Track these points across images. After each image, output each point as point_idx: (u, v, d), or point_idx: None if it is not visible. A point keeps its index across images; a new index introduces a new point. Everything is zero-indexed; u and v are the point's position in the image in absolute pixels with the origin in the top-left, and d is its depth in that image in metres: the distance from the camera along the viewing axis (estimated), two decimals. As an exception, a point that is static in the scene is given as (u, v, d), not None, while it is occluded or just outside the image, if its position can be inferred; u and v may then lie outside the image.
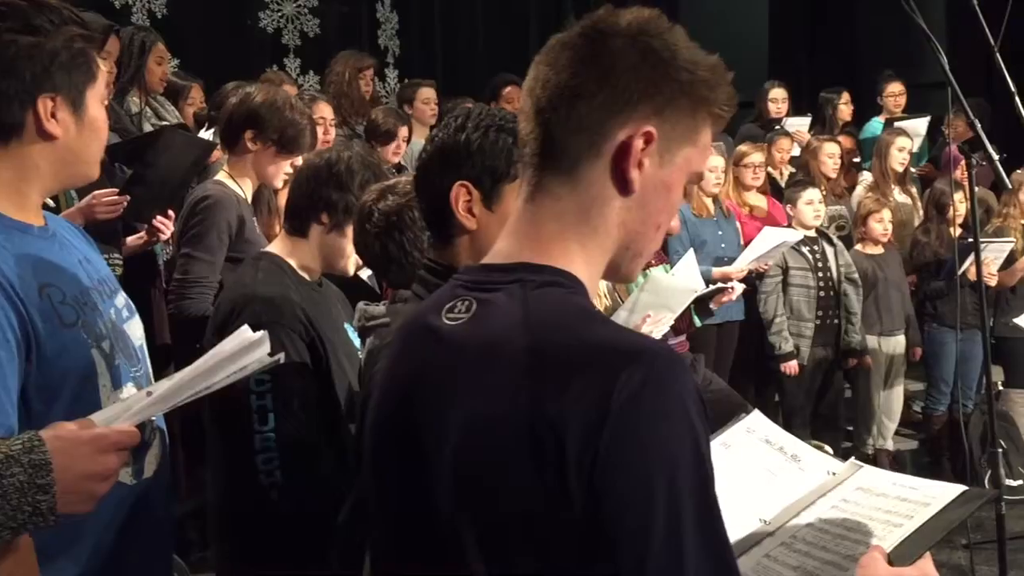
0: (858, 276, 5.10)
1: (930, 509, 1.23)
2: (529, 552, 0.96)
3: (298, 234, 2.29)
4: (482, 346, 1.02)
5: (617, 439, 0.92)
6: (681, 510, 0.92)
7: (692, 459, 0.94)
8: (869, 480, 1.36)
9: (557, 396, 0.94)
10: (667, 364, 0.96)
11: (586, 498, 0.92)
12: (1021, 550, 4.38)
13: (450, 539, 1.01)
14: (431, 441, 1.04)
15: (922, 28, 2.62)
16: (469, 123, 1.51)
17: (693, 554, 0.92)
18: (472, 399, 1.01)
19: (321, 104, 4.17)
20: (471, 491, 1.00)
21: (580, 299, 1.04)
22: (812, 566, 1.24)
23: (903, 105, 6.69)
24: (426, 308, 1.14)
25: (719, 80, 1.07)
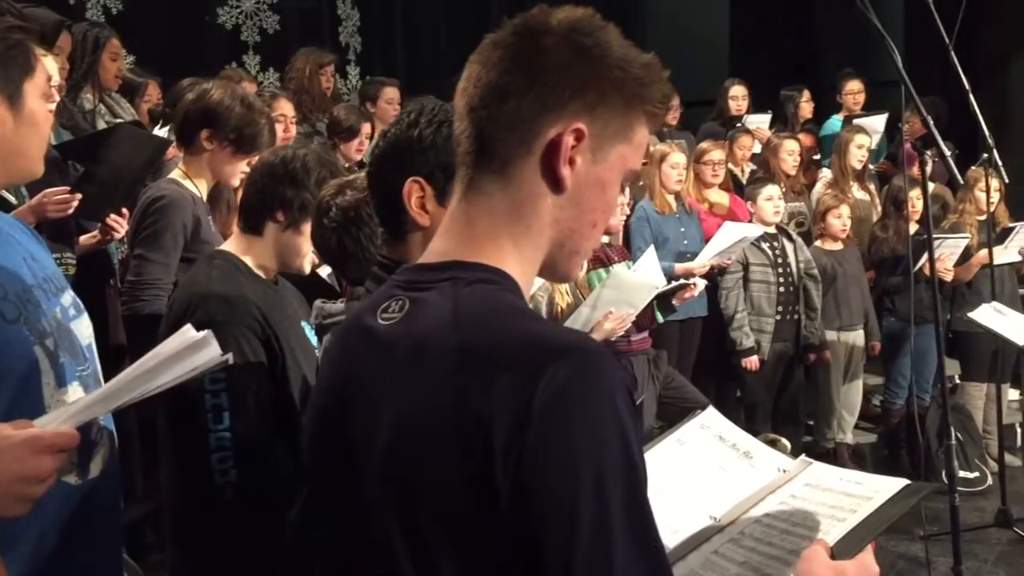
0: (817, 272, 5.16)
1: (873, 503, 1.25)
2: (457, 552, 0.96)
3: (253, 232, 2.27)
4: (412, 345, 1.02)
5: (542, 436, 0.92)
6: (609, 506, 0.91)
7: (620, 454, 0.93)
8: (817, 476, 1.38)
9: (483, 393, 0.94)
10: (594, 359, 0.96)
11: (513, 496, 0.92)
12: (977, 541, 4.46)
13: (380, 539, 1.01)
14: (362, 441, 1.04)
15: (876, 27, 2.64)
16: (422, 119, 1.50)
17: (622, 550, 0.91)
18: (401, 398, 1.01)
19: (281, 101, 4.13)
20: (399, 491, 1.00)
21: (510, 296, 1.04)
22: (757, 561, 1.25)
23: (862, 103, 6.78)
24: (364, 308, 1.14)
25: (653, 78, 1.08)
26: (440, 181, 1.45)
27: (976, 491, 5.08)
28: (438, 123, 1.49)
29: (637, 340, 4.36)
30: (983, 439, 5.27)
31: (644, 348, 4.42)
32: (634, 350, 4.35)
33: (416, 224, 1.48)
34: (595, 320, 3.86)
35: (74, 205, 2.91)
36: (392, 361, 1.04)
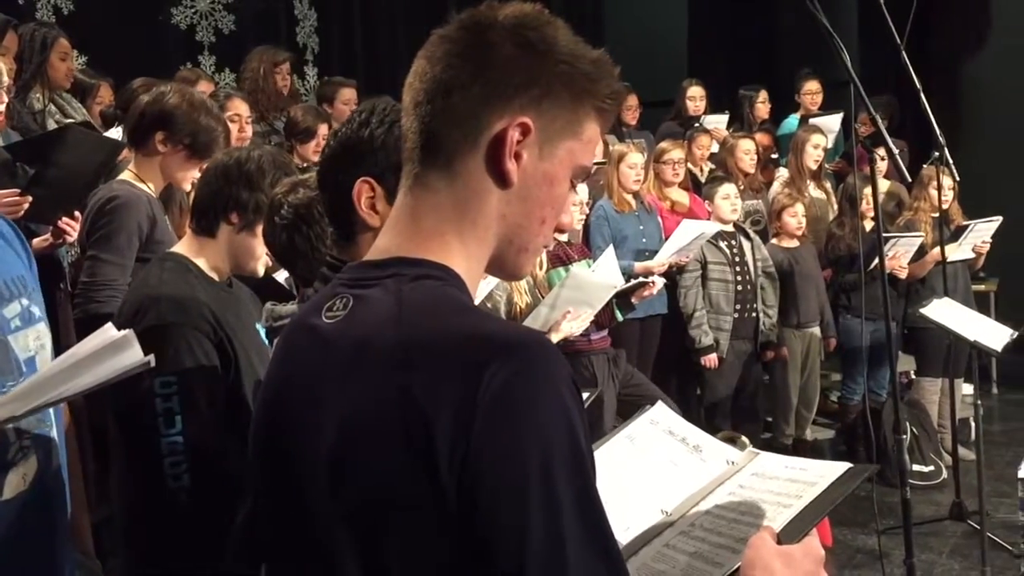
0: (774, 270, 5.21)
1: (817, 488, 1.27)
2: (405, 552, 0.95)
3: (206, 234, 2.25)
4: (355, 343, 1.01)
5: (487, 433, 0.91)
6: (559, 501, 0.91)
7: (568, 449, 0.92)
8: (763, 465, 1.40)
9: (427, 390, 0.93)
10: (539, 354, 0.95)
11: (459, 496, 0.91)
12: (932, 533, 4.54)
13: (326, 540, 1.00)
14: (306, 442, 1.03)
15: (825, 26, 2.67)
16: (373, 119, 1.49)
17: (575, 544, 0.91)
18: (345, 397, 1.00)
19: (236, 101, 4.09)
20: (344, 491, 0.99)
21: (455, 292, 1.03)
22: (707, 551, 1.27)
23: (820, 103, 6.86)
24: (310, 307, 1.13)
25: (602, 74, 1.07)
26: (391, 182, 1.43)
27: (931, 484, 5.17)
28: (389, 123, 1.48)
29: (597, 339, 4.38)
30: (938, 433, 5.36)
31: (604, 347, 4.44)
32: (594, 349, 4.37)
33: (366, 225, 1.47)
34: (554, 319, 3.87)
35: (24, 207, 2.86)
36: (336, 359, 1.02)
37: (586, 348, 4.33)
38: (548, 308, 3.87)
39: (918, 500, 4.96)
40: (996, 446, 5.71)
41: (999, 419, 6.47)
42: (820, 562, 1.16)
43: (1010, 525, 4.31)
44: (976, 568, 4.03)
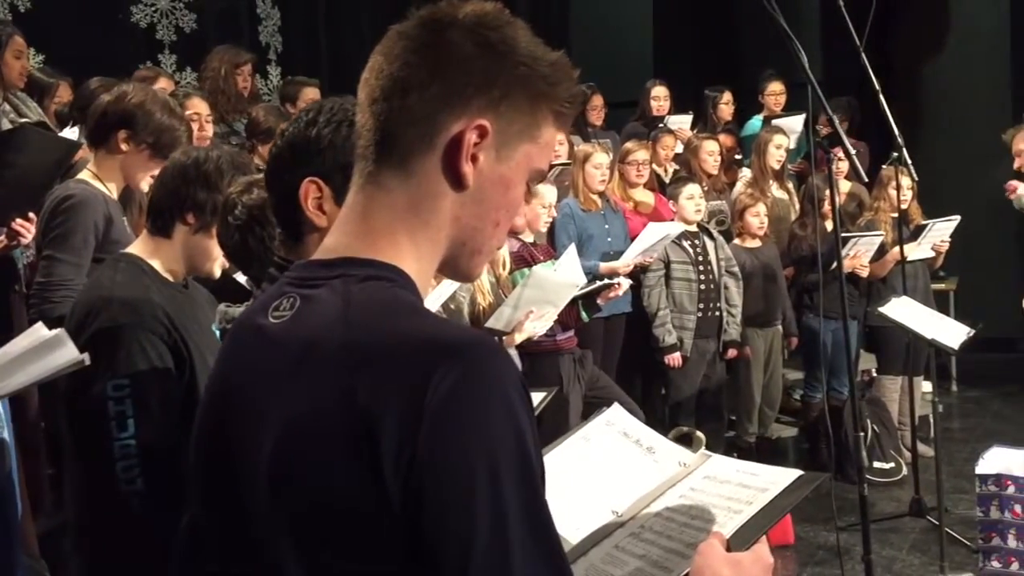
0: (738, 269, 5.25)
1: (768, 494, 1.27)
2: (349, 557, 0.94)
3: (161, 234, 2.22)
4: (301, 344, 1.00)
5: (434, 437, 0.90)
6: (505, 506, 0.90)
7: (516, 452, 0.91)
8: (715, 469, 1.40)
9: (372, 393, 0.92)
10: (487, 357, 0.94)
11: (405, 500, 0.90)
12: (892, 529, 4.60)
13: (270, 545, 0.99)
14: (248, 444, 1.01)
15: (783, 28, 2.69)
16: (320, 117, 1.47)
17: (520, 550, 0.90)
18: (289, 399, 0.98)
19: (195, 100, 4.05)
20: (287, 495, 0.97)
21: (403, 293, 1.02)
22: (656, 554, 1.26)
23: (783, 104, 6.92)
24: (256, 307, 1.11)
25: (561, 76, 1.06)
26: (338, 181, 1.42)
27: (892, 481, 5.23)
28: (337, 122, 1.46)
29: (562, 339, 4.39)
30: (898, 430, 5.43)
31: (570, 347, 4.45)
32: (560, 349, 4.38)
33: (313, 225, 1.45)
34: (517, 319, 3.87)
35: (-24, 209, 2.81)
36: (281, 360, 1.01)
37: (552, 349, 4.34)
38: (511, 308, 3.87)
39: (879, 496, 5.03)
40: (955, 443, 5.80)
41: (958, 416, 6.57)
42: (769, 569, 1.16)
43: (968, 521, 4.37)
44: (935, 563, 4.09)
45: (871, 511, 4.68)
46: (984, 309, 6.21)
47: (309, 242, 1.46)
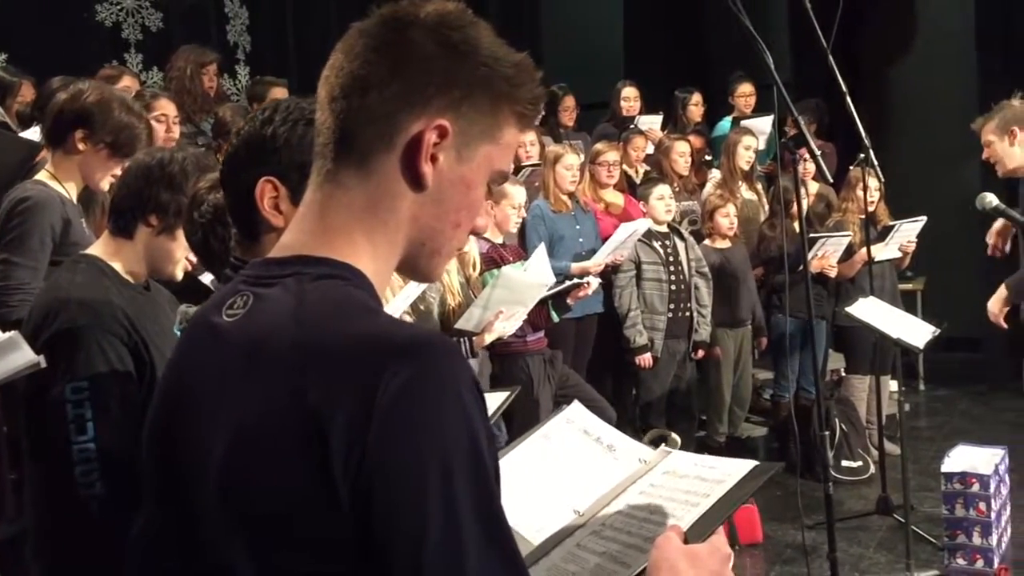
0: (708, 270, 5.27)
1: (724, 486, 1.28)
2: (298, 558, 0.93)
3: (123, 235, 2.20)
4: (252, 343, 0.99)
5: (384, 436, 0.89)
6: (458, 505, 0.89)
7: (468, 452, 0.91)
8: (674, 464, 1.40)
9: (323, 393, 0.91)
10: (439, 355, 0.93)
11: (355, 500, 0.89)
12: (860, 528, 4.63)
13: (218, 545, 0.98)
14: (199, 444, 1.01)
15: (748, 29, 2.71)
16: (277, 116, 1.46)
17: (474, 549, 0.89)
18: (240, 398, 0.97)
19: (163, 100, 4.01)
20: (237, 496, 0.96)
21: (357, 292, 1.01)
22: (616, 550, 1.27)
23: (753, 105, 6.96)
24: (210, 304, 1.10)
25: (523, 78, 1.05)
26: (294, 181, 1.40)
27: (860, 479, 5.27)
28: (293, 121, 1.45)
29: (532, 340, 4.39)
30: (867, 429, 5.47)
31: (540, 348, 4.45)
32: (530, 350, 4.38)
33: (270, 225, 1.43)
34: (487, 320, 3.87)
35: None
36: (232, 359, 1.00)
37: (522, 349, 4.34)
38: (481, 308, 3.86)
39: (847, 495, 5.07)
40: (922, 441, 5.86)
41: (925, 415, 6.64)
42: (726, 561, 1.17)
43: (934, 518, 4.42)
44: (901, 561, 4.13)
45: (839, 509, 4.76)
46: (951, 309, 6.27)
47: (265, 242, 1.44)
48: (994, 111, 3.65)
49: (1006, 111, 3.58)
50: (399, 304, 3.41)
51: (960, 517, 4.09)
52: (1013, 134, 3.53)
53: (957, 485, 4.09)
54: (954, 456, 4.24)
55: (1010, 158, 3.58)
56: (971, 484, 4.07)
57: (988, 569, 4.05)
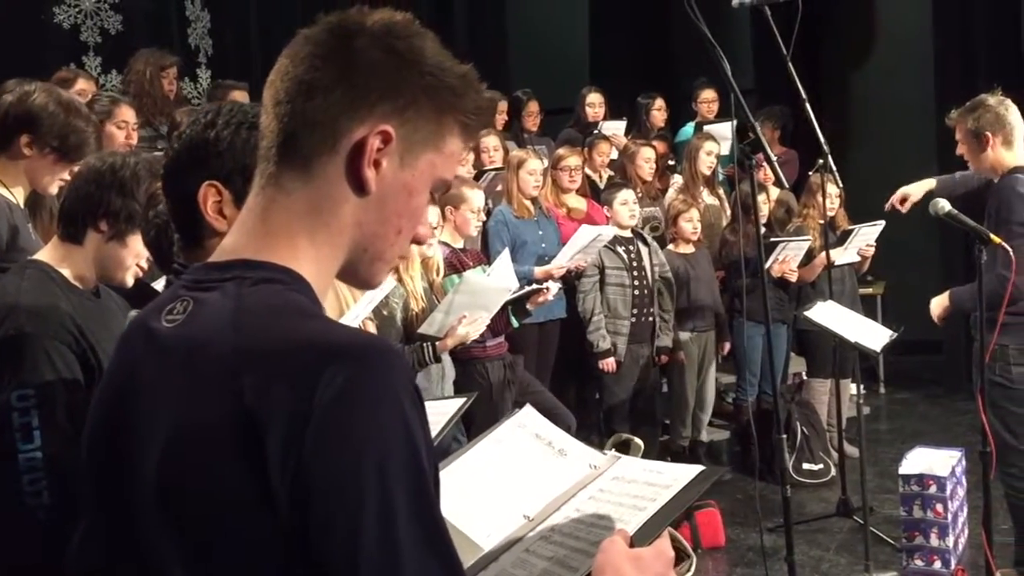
0: (671, 275, 5.30)
1: (671, 491, 1.29)
2: (235, 562, 0.93)
3: (72, 241, 2.17)
4: (191, 348, 0.99)
5: (321, 439, 0.89)
6: (395, 507, 0.89)
7: (405, 456, 0.91)
8: (623, 469, 1.41)
9: (260, 397, 0.91)
10: (377, 359, 0.93)
11: (292, 503, 0.90)
12: (820, 530, 4.67)
13: (156, 553, 0.98)
14: (136, 449, 1.00)
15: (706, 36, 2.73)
16: (219, 120, 1.45)
17: (411, 553, 0.90)
18: (177, 403, 0.98)
19: (123, 107, 3.96)
20: (173, 500, 0.97)
21: (297, 296, 1.01)
22: (563, 555, 1.27)
23: (716, 111, 7.00)
24: (150, 309, 1.10)
25: (467, 89, 1.07)
26: (238, 185, 1.39)
27: (821, 482, 5.32)
28: (236, 124, 1.43)
29: (492, 345, 4.38)
30: (827, 432, 5.52)
31: (500, 353, 4.45)
32: (490, 355, 4.37)
33: (213, 230, 1.42)
34: (449, 324, 3.86)
35: None
36: (170, 365, 1.00)
37: (482, 355, 4.33)
38: (443, 313, 3.86)
39: (808, 497, 5.11)
40: (882, 444, 5.92)
41: (886, 418, 6.71)
42: (670, 564, 1.18)
43: (893, 520, 4.46)
44: (861, 562, 4.16)
45: (801, 512, 4.80)
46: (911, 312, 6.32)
47: (209, 246, 1.42)
48: (969, 107, 3.67)
49: (981, 114, 3.59)
50: (361, 309, 3.40)
51: (918, 518, 4.13)
52: (985, 140, 3.56)
53: (915, 487, 4.14)
54: (912, 458, 4.30)
55: (979, 162, 3.63)
56: (928, 486, 4.12)
57: (945, 570, 4.10)
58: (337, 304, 3.40)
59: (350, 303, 3.42)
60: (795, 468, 5.30)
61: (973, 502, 4.41)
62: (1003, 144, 3.56)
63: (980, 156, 3.59)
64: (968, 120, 3.60)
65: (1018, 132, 3.58)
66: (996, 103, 3.60)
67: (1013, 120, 3.57)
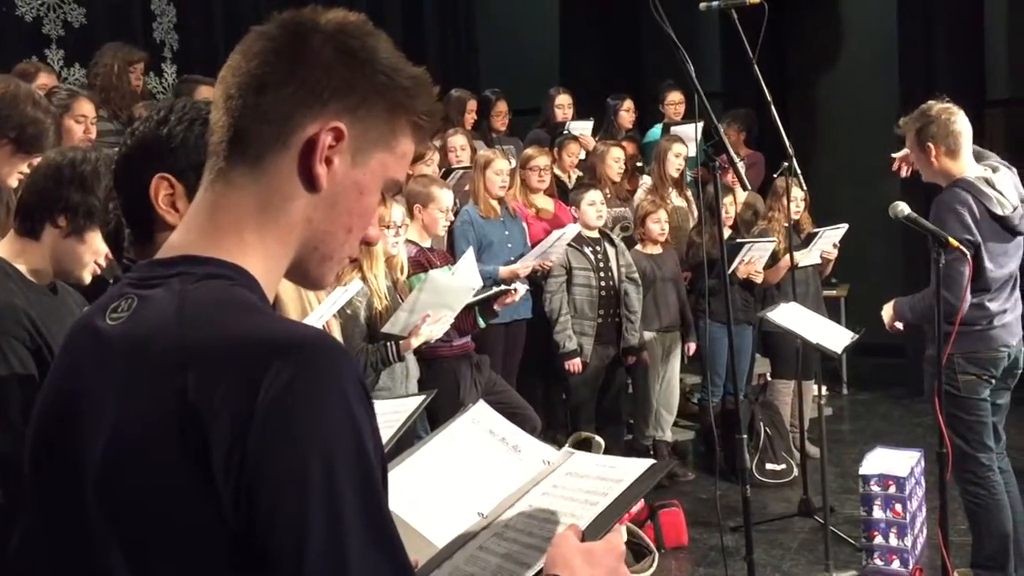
0: (638, 275, 5.32)
1: (622, 485, 1.30)
2: (178, 562, 0.92)
3: (30, 236, 2.14)
4: (135, 345, 0.98)
5: (266, 438, 0.89)
6: (341, 505, 0.89)
7: (352, 451, 0.91)
8: (577, 465, 1.42)
9: (204, 394, 0.90)
10: (323, 355, 0.93)
11: (236, 502, 0.89)
12: (782, 530, 4.71)
13: (97, 552, 0.97)
14: (79, 452, 0.99)
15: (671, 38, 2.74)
16: (172, 116, 1.44)
17: (358, 547, 0.89)
18: (120, 402, 0.96)
19: (82, 101, 3.92)
20: (115, 501, 0.95)
21: (243, 292, 1.00)
22: (517, 551, 1.28)
23: (682, 113, 7.05)
24: (95, 307, 1.08)
25: (420, 90, 1.07)
26: (190, 180, 1.38)
27: (783, 482, 5.37)
28: (189, 120, 1.43)
29: (458, 344, 4.38)
30: (791, 433, 5.57)
31: (466, 352, 4.44)
32: (456, 354, 4.36)
33: (165, 223, 1.41)
34: (413, 323, 3.85)
35: None
36: (114, 363, 0.99)
37: (447, 354, 4.32)
38: (407, 312, 3.84)
39: (770, 497, 5.16)
40: (844, 444, 5.99)
41: (848, 419, 6.78)
42: (621, 557, 1.19)
43: (854, 520, 4.51)
44: (822, 562, 4.20)
45: (763, 512, 4.84)
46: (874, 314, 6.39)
47: (159, 241, 1.41)
48: (915, 116, 3.62)
49: (924, 124, 3.55)
50: (326, 309, 3.38)
51: (877, 518, 4.18)
52: (928, 150, 3.55)
53: (874, 487, 4.19)
54: (871, 459, 4.35)
55: (928, 171, 3.63)
56: (888, 486, 4.17)
57: (904, 570, 4.15)
58: (300, 304, 3.38)
59: (314, 304, 3.40)
60: (758, 468, 5.35)
61: (932, 502, 4.46)
62: (947, 154, 3.51)
63: (927, 166, 3.59)
64: (913, 130, 3.58)
65: (964, 140, 3.52)
66: (939, 111, 3.54)
67: (958, 129, 3.50)
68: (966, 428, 3.58)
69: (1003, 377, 3.64)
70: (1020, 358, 3.67)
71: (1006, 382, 3.68)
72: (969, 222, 3.41)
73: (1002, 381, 3.65)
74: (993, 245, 3.49)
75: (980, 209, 3.45)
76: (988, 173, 3.52)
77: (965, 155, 3.55)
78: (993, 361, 3.57)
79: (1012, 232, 3.54)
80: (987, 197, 3.46)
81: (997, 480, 3.61)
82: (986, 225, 3.46)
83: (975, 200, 3.45)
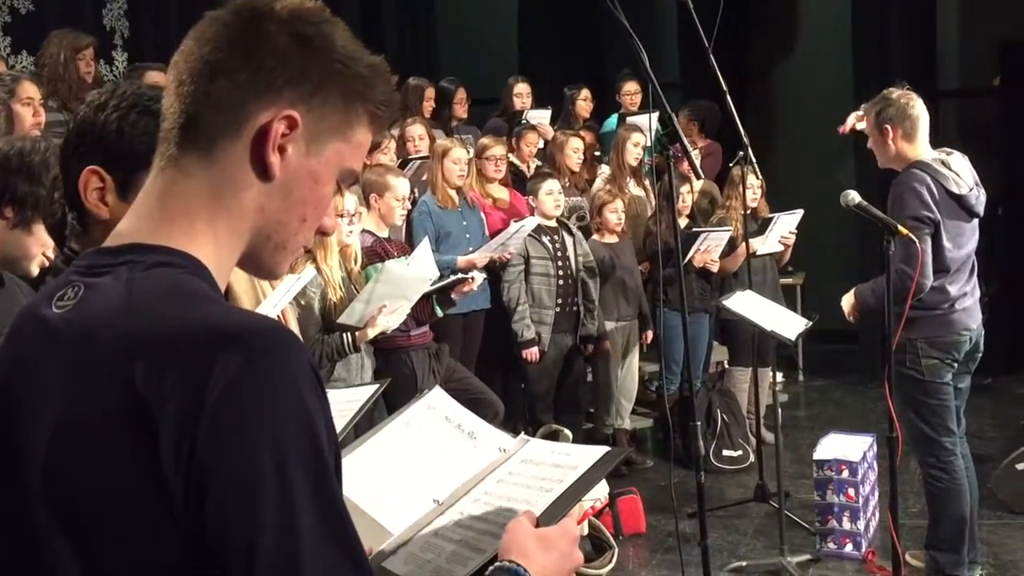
0: (596, 264, 5.34)
1: (577, 471, 1.31)
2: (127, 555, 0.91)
3: (-26, 227, 2.09)
4: (80, 334, 0.96)
5: (216, 429, 0.87)
6: (294, 495, 0.88)
7: (304, 441, 0.90)
8: (532, 452, 1.42)
9: (152, 384, 0.89)
10: (273, 342, 0.92)
11: (187, 494, 0.88)
12: (739, 515, 4.77)
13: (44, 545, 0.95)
14: (23, 439, 0.97)
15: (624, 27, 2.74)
16: (111, 102, 1.39)
17: (311, 543, 0.88)
18: (66, 392, 0.95)
19: (26, 83, 3.82)
20: (62, 494, 0.94)
21: (192, 280, 0.99)
22: (472, 537, 1.28)
23: (638, 103, 7.06)
24: (41, 296, 1.07)
25: (377, 79, 1.06)
26: (123, 172, 1.34)
27: (740, 468, 5.43)
28: (127, 108, 1.38)
29: (416, 334, 4.37)
30: (747, 419, 5.64)
31: (424, 342, 4.43)
32: (413, 344, 4.35)
33: (95, 217, 1.37)
34: (369, 314, 3.84)
35: None
36: (60, 352, 0.97)
37: (405, 344, 4.32)
38: (363, 303, 3.83)
39: (727, 483, 5.22)
40: (800, 430, 6.07)
41: (804, 405, 6.88)
42: (575, 542, 1.20)
43: (809, 505, 4.57)
44: (777, 546, 4.25)
45: (720, 498, 4.90)
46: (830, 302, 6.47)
47: (94, 233, 1.37)
48: (875, 101, 3.70)
49: (883, 107, 3.63)
50: (278, 298, 3.35)
51: (831, 503, 4.25)
52: (886, 132, 3.62)
53: (828, 472, 4.26)
54: (825, 444, 4.41)
55: (884, 154, 3.69)
56: (841, 471, 4.24)
57: (856, 553, 4.22)
58: (254, 293, 3.35)
59: (267, 292, 3.37)
60: (715, 455, 5.41)
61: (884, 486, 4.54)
62: (904, 137, 3.58)
63: (883, 149, 3.66)
64: (872, 113, 3.66)
65: (921, 125, 3.60)
66: (899, 96, 3.63)
67: (915, 114, 3.59)
68: (930, 412, 3.64)
69: (964, 360, 3.70)
70: (980, 341, 3.73)
71: (967, 365, 3.74)
72: (928, 200, 3.47)
73: (963, 365, 3.71)
74: (951, 224, 3.56)
75: (938, 188, 3.51)
76: (944, 155, 3.60)
77: (921, 140, 3.62)
78: (955, 345, 3.63)
79: (969, 213, 3.61)
80: (944, 177, 3.53)
81: (959, 465, 3.67)
82: (944, 204, 3.52)
83: (933, 180, 3.51)
